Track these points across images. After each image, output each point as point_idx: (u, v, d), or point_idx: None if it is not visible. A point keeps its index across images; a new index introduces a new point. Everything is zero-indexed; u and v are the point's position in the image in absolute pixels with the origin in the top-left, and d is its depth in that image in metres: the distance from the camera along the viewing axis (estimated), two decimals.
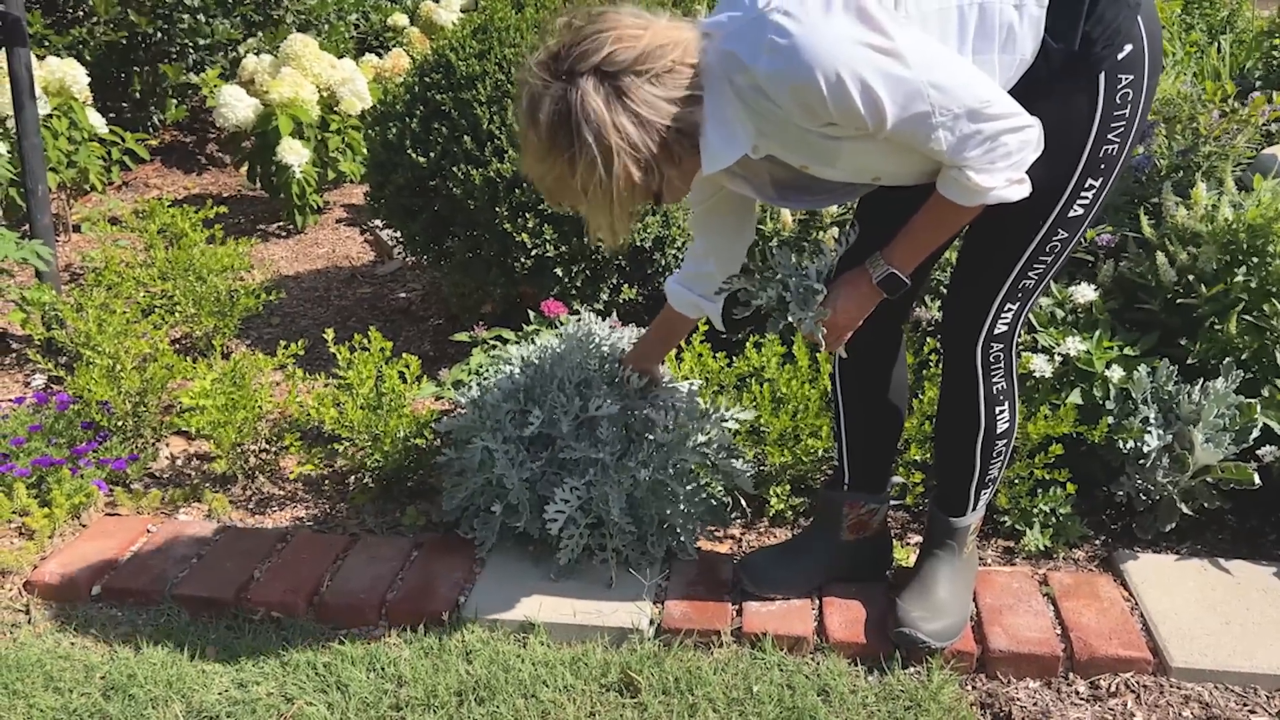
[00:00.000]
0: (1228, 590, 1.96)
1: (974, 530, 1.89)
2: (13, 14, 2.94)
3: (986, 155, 1.45)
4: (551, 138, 1.43)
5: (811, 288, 1.65)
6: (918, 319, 2.39)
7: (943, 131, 1.42)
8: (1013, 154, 1.47)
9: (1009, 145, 1.46)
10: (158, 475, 2.50)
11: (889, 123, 1.41)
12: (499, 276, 2.81)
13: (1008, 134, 1.45)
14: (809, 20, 1.37)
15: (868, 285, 1.64)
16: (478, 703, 1.74)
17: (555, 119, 1.42)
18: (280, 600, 1.98)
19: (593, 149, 1.41)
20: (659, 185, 1.49)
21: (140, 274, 3.05)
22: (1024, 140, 1.47)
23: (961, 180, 1.49)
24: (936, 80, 1.40)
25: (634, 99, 1.41)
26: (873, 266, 1.64)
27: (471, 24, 2.95)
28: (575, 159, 1.42)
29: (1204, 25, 4.66)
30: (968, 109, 1.42)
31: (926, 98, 1.40)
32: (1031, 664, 1.81)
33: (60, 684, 1.81)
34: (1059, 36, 1.50)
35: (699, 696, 1.74)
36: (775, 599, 1.94)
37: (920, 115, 1.41)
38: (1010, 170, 1.48)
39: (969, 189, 1.49)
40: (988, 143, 1.44)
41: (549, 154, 1.45)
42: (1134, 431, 2.07)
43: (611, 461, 1.95)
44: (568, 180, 1.46)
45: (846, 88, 1.37)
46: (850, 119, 1.41)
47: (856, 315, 1.68)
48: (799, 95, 1.40)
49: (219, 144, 5.19)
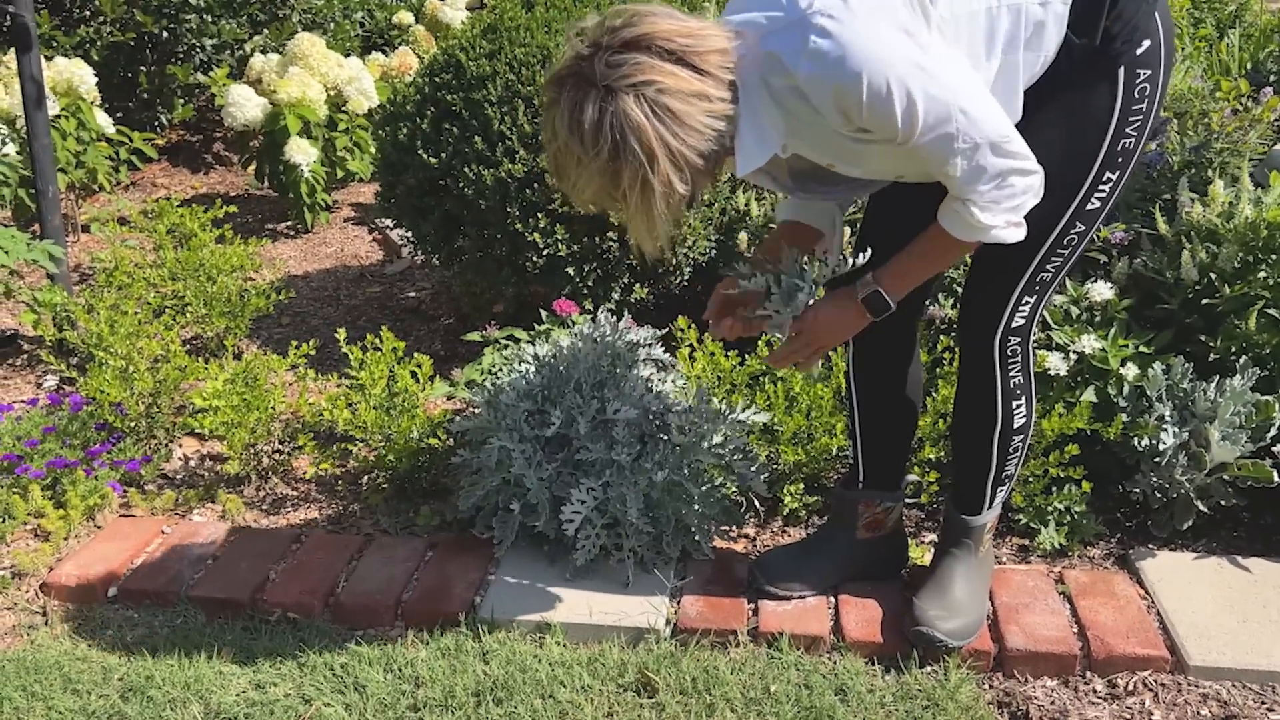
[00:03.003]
0: (1245, 588, 1.95)
1: (990, 529, 1.89)
2: (21, 17, 2.94)
3: (993, 193, 1.47)
4: (596, 146, 1.40)
5: (796, 284, 1.65)
6: (931, 317, 2.39)
7: (960, 159, 1.43)
8: (1016, 195, 1.48)
9: (1015, 186, 1.47)
10: (171, 476, 2.51)
11: (916, 137, 1.42)
12: (510, 276, 2.81)
13: (1016, 175, 1.47)
14: (853, 26, 1.37)
15: (853, 303, 1.65)
16: (495, 703, 1.74)
17: (598, 127, 1.39)
18: (296, 601, 1.98)
19: (638, 156, 1.39)
20: (694, 192, 1.48)
21: (150, 274, 3.05)
22: (1029, 185, 1.49)
23: (964, 215, 1.50)
24: (965, 106, 1.41)
25: (675, 105, 1.39)
26: (861, 285, 1.64)
27: (481, 24, 2.95)
28: (620, 169, 1.40)
29: (1212, 20, 4.65)
30: (990, 141, 1.43)
31: (954, 120, 1.41)
32: (1049, 663, 1.81)
33: (78, 686, 1.81)
34: (1081, 32, 1.51)
35: (716, 696, 1.74)
36: (791, 598, 1.94)
37: (945, 137, 1.42)
38: (1010, 213, 1.50)
39: (970, 224, 1.51)
40: (998, 179, 1.46)
41: (591, 163, 1.42)
42: (1149, 429, 2.06)
43: (628, 463, 1.95)
44: (608, 190, 1.45)
45: (888, 96, 1.37)
46: (883, 127, 1.42)
47: (836, 329, 1.68)
48: (839, 98, 1.40)
49: (226, 143, 5.19)
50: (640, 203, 1.44)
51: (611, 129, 1.38)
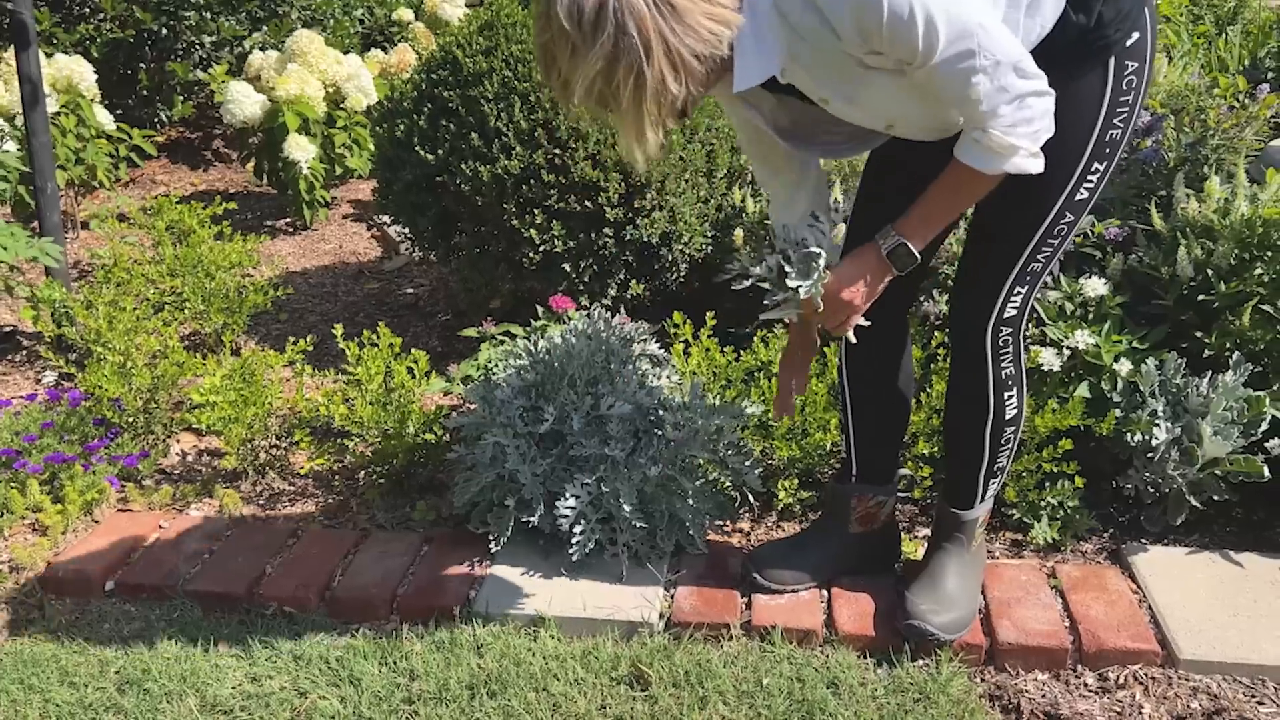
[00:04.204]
0: (1236, 583, 1.96)
1: (982, 523, 1.90)
2: (21, 16, 2.95)
3: (1014, 114, 1.44)
4: (595, 33, 1.36)
5: (811, 253, 1.59)
6: (925, 313, 2.39)
7: (983, 76, 1.41)
8: (1034, 120, 1.46)
9: (1034, 109, 1.45)
10: (169, 471, 2.52)
11: (936, 55, 1.39)
12: (507, 272, 2.82)
13: (1034, 97, 1.44)
14: None
15: (875, 257, 1.61)
16: (489, 696, 1.75)
17: (599, 11, 1.35)
18: (292, 595, 1.99)
19: (636, 47, 1.36)
20: (685, 99, 1.45)
21: (149, 271, 3.06)
22: (1045, 108, 1.46)
23: (984, 141, 1.47)
24: (984, 23, 1.39)
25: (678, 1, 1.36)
26: (882, 238, 1.60)
27: (478, 20, 2.95)
28: (616, 59, 1.37)
29: (1211, 16, 4.64)
30: (1010, 59, 1.41)
31: (975, 37, 1.38)
32: (1040, 656, 1.81)
33: (75, 679, 1.82)
34: (1079, 8, 1.51)
35: (709, 689, 1.75)
36: (784, 592, 1.94)
37: (965, 53, 1.39)
38: (1029, 139, 1.47)
39: (992, 152, 1.47)
40: (1016, 102, 1.43)
41: (587, 52, 1.38)
42: (1142, 424, 2.07)
43: (622, 458, 1.96)
44: (601, 84, 1.40)
45: (910, 16, 1.35)
46: (900, 47, 1.39)
47: (862, 289, 1.62)
48: (859, 17, 1.38)
49: (225, 140, 5.20)
50: (632, 99, 1.41)
51: (614, 14, 1.35)
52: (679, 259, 2.86)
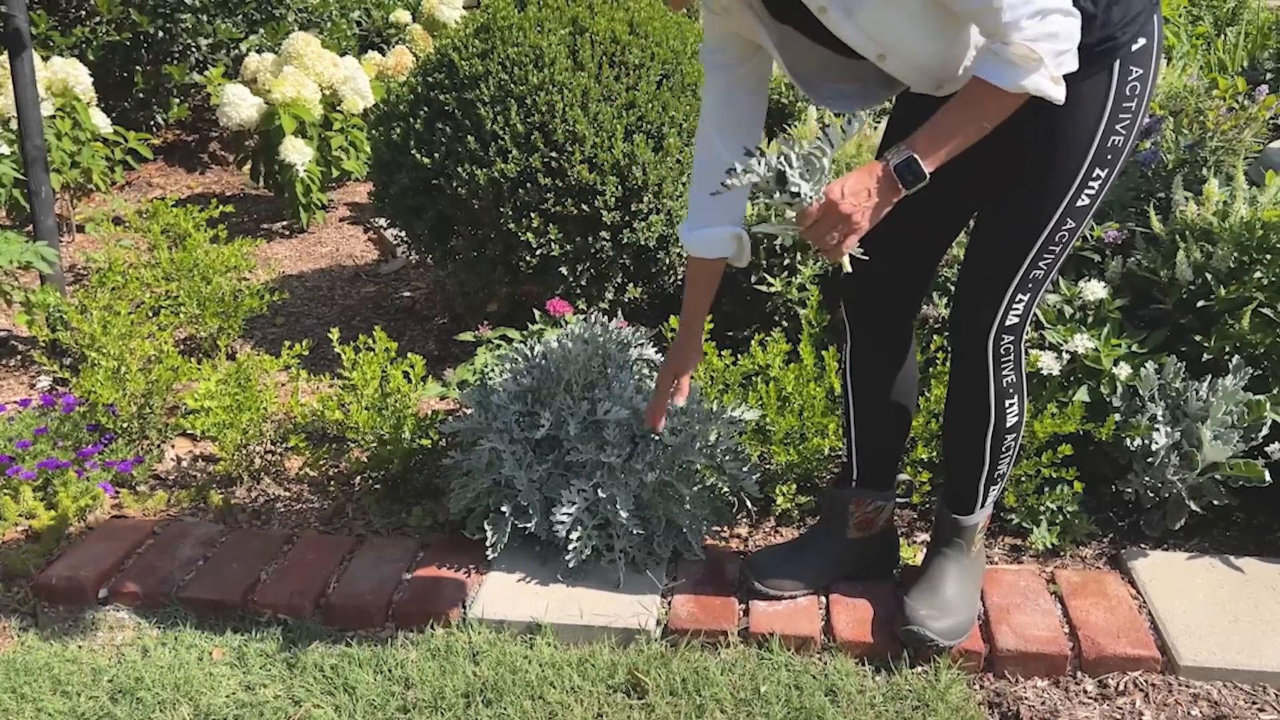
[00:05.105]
0: (1236, 588, 1.95)
1: (982, 528, 1.89)
2: (15, 20, 2.94)
3: (1036, 27, 1.39)
4: None
5: (814, 154, 1.45)
6: (925, 316, 2.38)
7: None
8: (1058, 39, 1.40)
9: (1057, 28, 1.40)
10: (163, 477, 2.50)
11: None
12: (504, 275, 2.81)
13: (1058, 15, 1.40)
14: None
15: (883, 169, 1.49)
16: (485, 704, 1.74)
17: None
18: (287, 602, 1.98)
19: None
20: None
21: (144, 275, 3.05)
22: (1069, 29, 1.41)
23: (1004, 54, 1.41)
24: None
25: None
26: (892, 152, 1.49)
27: (474, 23, 2.94)
28: None
29: (1210, 17, 4.64)
30: None
31: None
32: (1039, 663, 1.80)
33: (68, 687, 1.81)
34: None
35: (706, 697, 1.74)
36: (782, 598, 1.93)
37: None
38: (1053, 57, 1.41)
39: (1013, 65, 1.41)
40: (1040, 13, 1.38)
41: None
42: (1141, 429, 2.06)
43: (619, 464, 1.95)
44: None
45: None
46: None
47: (864, 204, 1.48)
48: None
49: (221, 143, 5.19)
50: None
51: None
52: (676, 262, 2.84)
